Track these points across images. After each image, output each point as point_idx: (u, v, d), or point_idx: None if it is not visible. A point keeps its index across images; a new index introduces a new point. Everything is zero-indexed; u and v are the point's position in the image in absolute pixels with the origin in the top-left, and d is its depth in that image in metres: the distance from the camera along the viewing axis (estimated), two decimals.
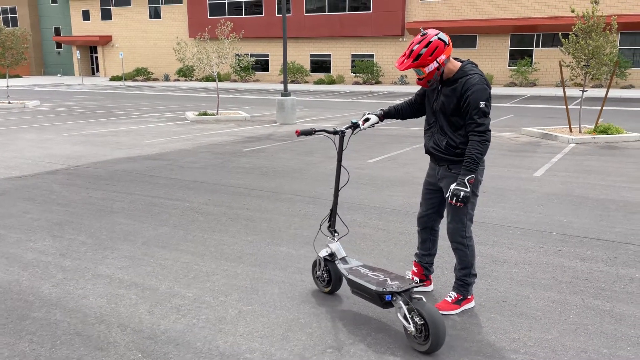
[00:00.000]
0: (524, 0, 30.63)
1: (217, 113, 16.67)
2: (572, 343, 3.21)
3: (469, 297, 3.63)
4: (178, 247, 4.87)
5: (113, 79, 43.26)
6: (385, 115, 3.74)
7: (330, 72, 37.66)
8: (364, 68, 34.65)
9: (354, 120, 3.70)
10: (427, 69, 3.25)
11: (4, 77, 46.78)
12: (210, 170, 8.46)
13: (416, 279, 3.83)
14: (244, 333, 3.30)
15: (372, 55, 35.99)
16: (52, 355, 3.04)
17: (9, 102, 20.74)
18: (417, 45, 3.23)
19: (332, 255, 3.80)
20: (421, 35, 3.27)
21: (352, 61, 36.67)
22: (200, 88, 34.17)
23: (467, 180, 3.24)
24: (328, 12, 36.01)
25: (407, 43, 34.88)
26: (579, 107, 19.54)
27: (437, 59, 3.22)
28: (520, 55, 31.77)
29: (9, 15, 52.04)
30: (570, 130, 12.07)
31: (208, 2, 40.13)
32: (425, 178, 3.72)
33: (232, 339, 3.24)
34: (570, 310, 3.63)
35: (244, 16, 38.89)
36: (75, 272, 4.26)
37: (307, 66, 38.25)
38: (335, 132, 3.72)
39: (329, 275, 3.86)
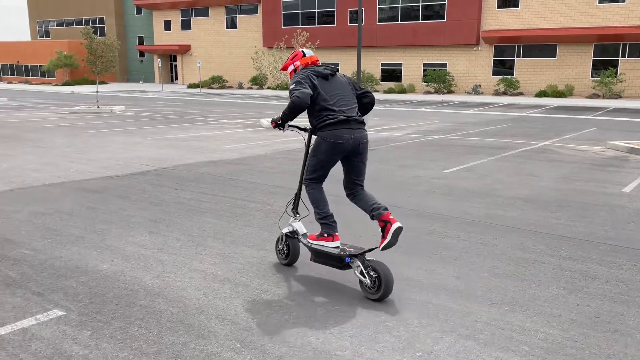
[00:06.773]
0: (610, 8, 29.30)
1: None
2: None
3: (327, 236, 4.15)
4: (264, 248, 5.08)
5: (190, 86, 45.15)
6: None
7: (400, 81, 37.55)
8: (436, 77, 34.28)
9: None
10: (288, 70, 4.39)
11: (93, 83, 49.92)
12: (288, 175, 8.70)
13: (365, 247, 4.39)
14: (333, 331, 3.43)
15: (444, 65, 35.57)
16: (160, 340, 3.28)
17: (98, 107, 22.14)
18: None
19: (293, 232, 4.45)
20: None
21: (424, 70, 36.39)
22: (272, 96, 35.01)
23: (274, 117, 4.23)
24: (401, 21, 35.96)
25: (482, 52, 34.20)
26: None
27: (293, 64, 4.31)
28: (603, 66, 30.38)
29: (97, 25, 55.53)
30: None
31: (282, 12, 41.13)
32: None
33: (323, 335, 3.36)
34: None
35: (316, 26, 39.54)
36: (172, 266, 4.55)
37: (378, 75, 38.33)
38: (305, 130, 4.44)
39: (287, 249, 4.53)
